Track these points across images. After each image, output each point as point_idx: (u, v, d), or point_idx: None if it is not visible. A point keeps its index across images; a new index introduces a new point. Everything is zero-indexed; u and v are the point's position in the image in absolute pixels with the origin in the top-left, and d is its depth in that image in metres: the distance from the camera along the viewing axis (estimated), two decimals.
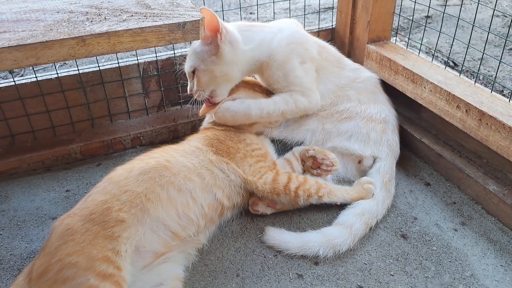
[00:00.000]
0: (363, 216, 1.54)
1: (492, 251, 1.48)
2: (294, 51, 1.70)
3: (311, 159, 1.68)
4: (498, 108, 1.53)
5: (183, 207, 1.36)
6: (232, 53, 1.60)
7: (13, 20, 1.28)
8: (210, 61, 1.59)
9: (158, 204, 1.32)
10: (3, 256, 1.49)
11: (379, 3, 1.97)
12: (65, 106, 1.93)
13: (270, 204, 1.60)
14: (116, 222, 1.24)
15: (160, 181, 1.36)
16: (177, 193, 1.36)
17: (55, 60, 1.19)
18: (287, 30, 1.73)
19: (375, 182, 1.65)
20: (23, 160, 1.86)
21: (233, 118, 1.65)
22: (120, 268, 1.18)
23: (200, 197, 1.41)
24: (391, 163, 1.74)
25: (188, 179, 1.41)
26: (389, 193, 1.65)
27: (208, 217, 1.43)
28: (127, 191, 1.31)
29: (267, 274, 1.41)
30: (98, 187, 1.36)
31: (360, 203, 1.58)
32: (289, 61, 1.68)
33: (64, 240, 1.19)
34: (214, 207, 1.46)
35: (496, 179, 1.64)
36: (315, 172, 1.68)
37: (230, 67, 1.63)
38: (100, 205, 1.27)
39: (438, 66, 1.83)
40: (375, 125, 1.76)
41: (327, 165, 1.65)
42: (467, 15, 3.18)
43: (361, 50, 2.09)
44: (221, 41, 1.57)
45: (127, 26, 1.25)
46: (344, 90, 1.82)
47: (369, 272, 1.41)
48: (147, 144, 2.03)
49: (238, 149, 1.57)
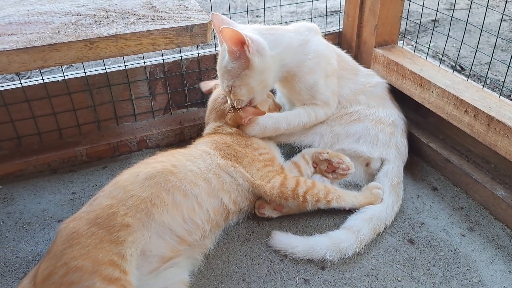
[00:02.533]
0: (372, 222, 1.53)
1: (500, 257, 1.47)
2: (320, 65, 1.71)
3: (326, 163, 1.68)
4: (506, 113, 1.52)
5: (189, 212, 1.36)
6: (262, 62, 1.57)
7: (21, 22, 1.28)
8: (244, 75, 1.57)
9: (163, 209, 1.31)
10: (9, 258, 1.49)
11: (386, 7, 1.97)
12: (72, 108, 1.93)
13: (277, 208, 1.59)
14: (122, 226, 1.23)
15: (166, 186, 1.35)
16: (183, 198, 1.36)
17: (62, 62, 1.20)
18: (314, 43, 1.72)
19: (384, 186, 1.65)
20: (29, 162, 1.86)
21: (262, 132, 1.67)
22: (126, 272, 1.17)
23: (206, 202, 1.41)
24: (399, 166, 1.73)
25: (194, 184, 1.40)
26: (398, 197, 1.64)
27: (213, 221, 1.43)
28: (132, 196, 1.30)
29: (273, 278, 1.40)
30: (104, 191, 1.36)
31: (370, 208, 1.57)
32: (314, 75, 1.70)
33: (69, 243, 1.19)
34: (220, 211, 1.45)
35: (504, 184, 1.63)
36: (330, 176, 1.67)
37: (264, 74, 1.61)
38: (106, 209, 1.27)
39: (445, 70, 1.82)
40: (384, 127, 1.76)
41: (343, 169, 1.65)
42: (474, 19, 3.17)
43: (368, 54, 2.08)
44: (249, 53, 1.52)
45: (135, 29, 1.25)
46: (356, 94, 1.83)
47: (376, 277, 1.40)
48: (153, 146, 2.02)
49: (246, 153, 1.57)
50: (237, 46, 1.51)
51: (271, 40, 1.62)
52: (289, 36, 1.69)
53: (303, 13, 3.33)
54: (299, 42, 1.69)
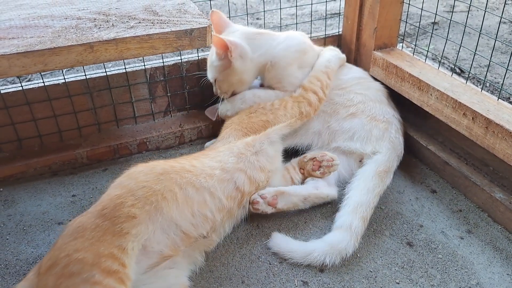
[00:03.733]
0: (358, 211, 1.53)
1: (498, 260, 1.47)
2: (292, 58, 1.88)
3: (311, 162, 1.70)
4: (504, 116, 1.53)
5: (200, 206, 1.35)
6: (243, 64, 1.80)
7: (21, 26, 1.29)
8: (226, 73, 1.81)
9: (174, 203, 1.31)
10: (9, 260, 1.50)
11: (386, 10, 1.97)
12: (72, 111, 1.94)
13: (271, 203, 1.59)
14: (127, 217, 1.23)
15: (181, 181, 1.35)
16: (195, 193, 1.36)
17: (63, 66, 1.21)
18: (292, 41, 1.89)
19: (368, 171, 1.67)
20: (29, 164, 1.87)
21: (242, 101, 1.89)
22: (124, 265, 1.17)
23: (218, 189, 1.41)
24: (391, 157, 1.74)
25: (209, 176, 1.41)
26: (382, 182, 1.65)
27: (225, 209, 1.42)
28: (144, 187, 1.29)
29: (272, 281, 1.41)
30: (115, 182, 1.36)
31: (350, 197, 1.59)
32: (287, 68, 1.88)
33: (74, 236, 1.20)
34: (233, 196, 1.45)
35: (503, 187, 1.63)
36: (318, 173, 1.68)
37: (244, 74, 1.84)
38: (114, 199, 1.26)
39: (444, 73, 1.82)
40: (378, 123, 1.79)
41: (328, 161, 1.67)
42: (474, 21, 3.18)
43: (368, 56, 2.09)
44: (232, 57, 1.75)
45: (135, 33, 1.26)
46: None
47: (375, 279, 1.41)
48: (153, 149, 2.03)
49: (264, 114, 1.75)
50: (221, 50, 1.75)
51: (255, 44, 1.83)
52: (272, 38, 1.87)
53: (303, 15, 3.34)
54: (278, 41, 1.86)
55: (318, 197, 1.66)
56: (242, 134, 1.68)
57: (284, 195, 1.60)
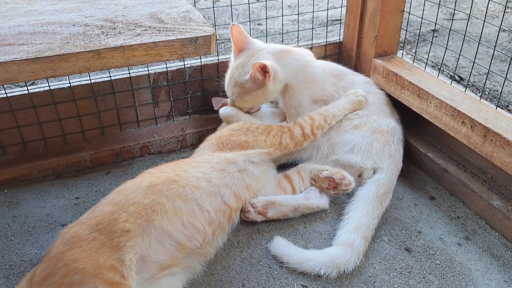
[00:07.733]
0: (359, 231, 1.54)
1: (496, 266, 1.50)
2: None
3: (327, 180, 1.70)
4: (503, 125, 1.55)
5: (189, 217, 1.37)
6: (274, 85, 1.79)
7: (30, 32, 1.31)
8: (255, 94, 1.80)
9: (163, 215, 1.33)
10: (14, 261, 1.52)
11: (386, 19, 2.00)
12: (76, 114, 1.97)
13: (261, 212, 1.62)
14: (122, 232, 1.26)
15: (168, 193, 1.38)
16: (183, 203, 1.38)
17: (71, 72, 1.23)
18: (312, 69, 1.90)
19: (370, 193, 1.66)
20: (34, 167, 1.89)
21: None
22: (125, 277, 1.20)
23: (206, 202, 1.42)
24: (391, 177, 1.73)
25: (195, 188, 1.43)
26: (381, 206, 1.64)
27: (215, 223, 1.43)
28: (134, 203, 1.33)
29: (272, 284, 1.43)
30: (107, 199, 1.39)
31: (351, 217, 1.59)
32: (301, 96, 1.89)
33: (70, 246, 1.22)
34: (222, 210, 1.47)
35: (500, 194, 1.66)
36: (332, 192, 1.70)
37: (272, 94, 1.84)
38: (108, 215, 1.29)
39: (444, 81, 1.85)
40: (379, 136, 1.77)
41: (346, 185, 1.67)
42: (474, 29, 3.20)
43: (368, 64, 2.12)
44: (268, 81, 1.74)
45: (141, 40, 1.29)
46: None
47: (373, 285, 1.43)
48: (155, 153, 2.06)
49: (245, 134, 1.71)
50: (261, 74, 1.73)
51: (282, 64, 1.81)
52: (295, 58, 1.87)
53: (304, 21, 3.37)
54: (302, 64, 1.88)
55: (308, 207, 1.68)
56: (218, 149, 1.67)
57: (275, 205, 1.64)
